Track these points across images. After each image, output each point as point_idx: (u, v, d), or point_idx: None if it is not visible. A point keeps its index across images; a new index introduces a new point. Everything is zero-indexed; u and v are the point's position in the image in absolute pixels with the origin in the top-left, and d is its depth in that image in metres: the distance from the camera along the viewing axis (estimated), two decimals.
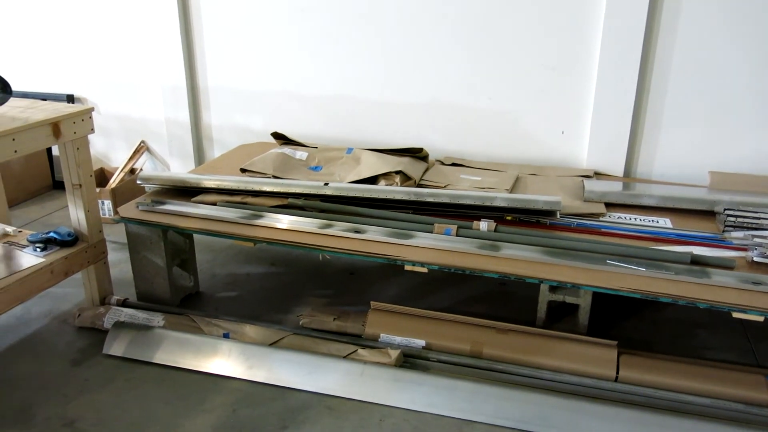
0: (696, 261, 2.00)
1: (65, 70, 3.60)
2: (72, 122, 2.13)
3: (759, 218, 2.18)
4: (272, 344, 2.14)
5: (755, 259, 2.00)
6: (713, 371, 1.96)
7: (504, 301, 2.54)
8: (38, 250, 2.21)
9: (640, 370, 1.97)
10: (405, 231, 2.18)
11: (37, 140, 2.03)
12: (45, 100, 2.34)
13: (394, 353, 2.04)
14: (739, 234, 2.14)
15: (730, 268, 1.97)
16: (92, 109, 2.22)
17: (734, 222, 2.19)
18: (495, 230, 2.18)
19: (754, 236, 2.07)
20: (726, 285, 1.86)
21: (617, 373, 1.97)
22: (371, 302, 2.24)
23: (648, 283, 1.89)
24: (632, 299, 1.93)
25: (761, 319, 1.78)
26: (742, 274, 1.92)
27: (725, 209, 2.23)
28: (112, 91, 3.56)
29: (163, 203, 2.38)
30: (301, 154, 2.75)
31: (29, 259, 2.18)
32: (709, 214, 2.34)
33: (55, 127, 2.07)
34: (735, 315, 1.80)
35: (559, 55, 2.77)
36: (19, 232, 2.39)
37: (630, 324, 2.38)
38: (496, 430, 1.83)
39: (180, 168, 3.54)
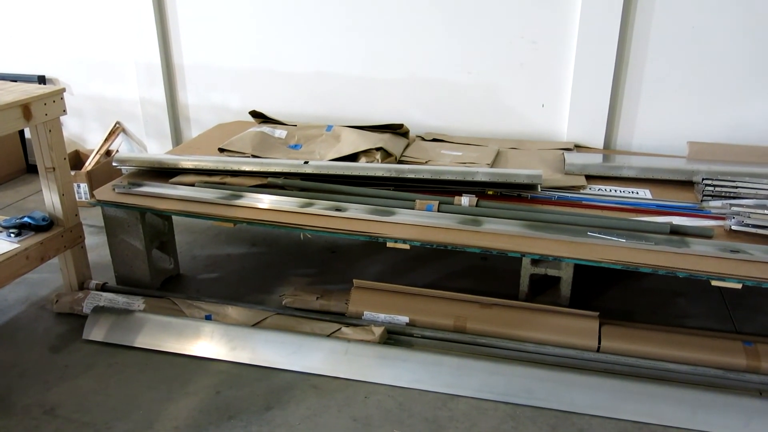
0: (675, 231, 2.01)
1: (36, 50, 3.49)
2: (43, 104, 2.07)
3: (736, 187, 2.20)
4: (255, 325, 2.13)
5: (733, 227, 2.02)
6: (693, 339, 1.99)
7: (486, 275, 2.55)
8: (12, 235, 2.17)
9: (622, 339, 1.99)
10: (386, 208, 2.17)
11: (7, 123, 1.98)
12: (15, 81, 2.28)
13: (378, 330, 2.04)
14: (717, 203, 2.16)
15: (709, 237, 1.99)
16: (64, 89, 2.16)
17: (712, 191, 2.21)
18: (476, 205, 2.17)
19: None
20: (705, 254, 1.88)
21: (599, 343, 1.99)
22: (354, 280, 2.24)
23: (628, 253, 1.90)
24: (613, 270, 1.94)
25: (739, 286, 1.81)
26: (721, 243, 1.94)
27: (703, 179, 2.25)
28: (84, 71, 3.47)
29: (140, 185, 2.34)
30: (280, 132, 2.71)
31: (3, 245, 2.13)
32: (688, 184, 2.36)
33: (25, 108, 2.02)
34: (714, 283, 1.82)
35: (539, 29, 2.75)
36: None
37: (611, 294, 2.40)
38: (481, 403, 1.84)
39: (157, 149, 3.48)
